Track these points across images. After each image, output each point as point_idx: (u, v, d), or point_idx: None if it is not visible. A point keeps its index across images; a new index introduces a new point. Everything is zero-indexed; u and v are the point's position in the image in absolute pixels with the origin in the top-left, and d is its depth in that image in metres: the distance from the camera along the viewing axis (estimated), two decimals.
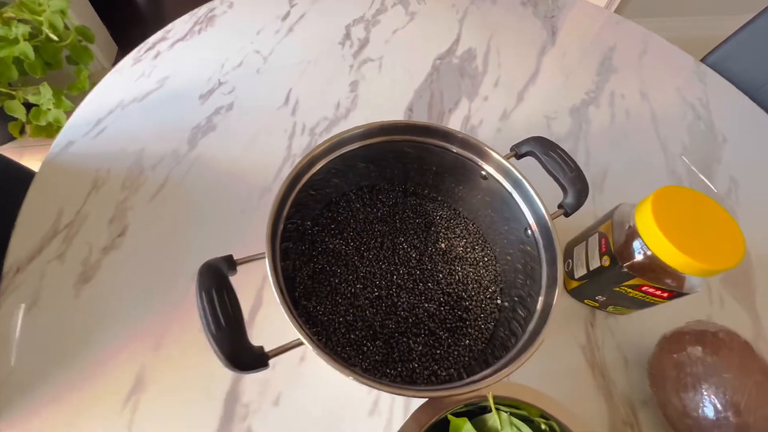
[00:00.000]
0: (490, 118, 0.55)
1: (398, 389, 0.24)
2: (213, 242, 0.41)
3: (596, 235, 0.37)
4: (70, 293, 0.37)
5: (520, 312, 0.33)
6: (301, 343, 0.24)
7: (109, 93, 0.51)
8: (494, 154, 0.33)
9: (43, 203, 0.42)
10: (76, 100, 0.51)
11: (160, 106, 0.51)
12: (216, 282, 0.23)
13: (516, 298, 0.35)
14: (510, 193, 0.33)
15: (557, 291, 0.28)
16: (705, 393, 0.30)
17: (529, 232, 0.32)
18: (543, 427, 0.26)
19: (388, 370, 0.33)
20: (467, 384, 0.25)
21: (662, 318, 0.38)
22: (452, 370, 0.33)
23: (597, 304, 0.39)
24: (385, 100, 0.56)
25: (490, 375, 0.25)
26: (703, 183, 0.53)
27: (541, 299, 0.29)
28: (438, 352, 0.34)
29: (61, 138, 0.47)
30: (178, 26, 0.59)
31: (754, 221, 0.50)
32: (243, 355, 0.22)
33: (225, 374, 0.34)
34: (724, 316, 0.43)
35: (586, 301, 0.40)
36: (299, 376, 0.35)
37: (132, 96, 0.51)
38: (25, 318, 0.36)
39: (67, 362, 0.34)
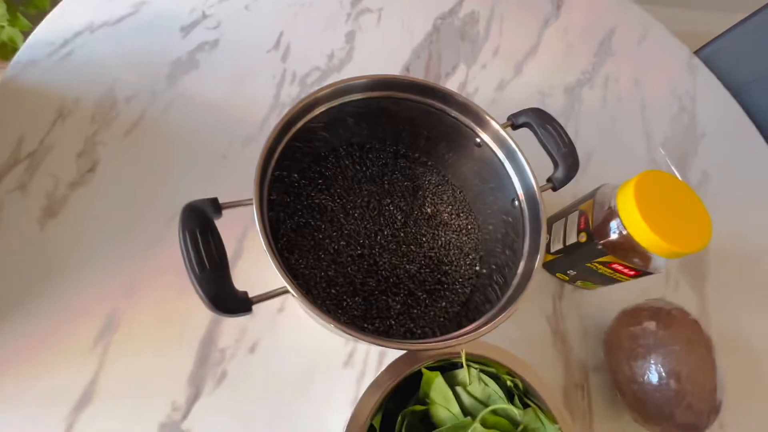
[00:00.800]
0: (486, 88, 0.54)
1: (378, 340, 0.25)
2: (192, 185, 0.39)
3: (576, 212, 0.38)
4: (34, 227, 0.35)
5: (496, 279, 0.34)
6: (285, 291, 0.24)
7: (76, 12, 0.46)
8: (493, 123, 0.33)
9: (1, 127, 0.38)
10: (35, 21, 0.46)
11: (136, 33, 0.46)
12: (200, 223, 0.22)
13: (494, 266, 0.36)
14: (502, 163, 0.33)
15: (538, 259, 0.29)
16: (653, 362, 0.33)
17: (516, 203, 0.33)
18: (508, 383, 0.27)
19: (365, 325, 0.34)
20: (444, 340, 0.26)
21: (623, 295, 0.41)
22: (427, 329, 0.34)
23: (567, 278, 0.41)
24: (382, 56, 0.53)
25: (467, 333, 0.26)
26: (678, 174, 0.55)
27: (521, 267, 0.30)
28: (415, 311, 0.35)
29: (21, 55, 0.42)
30: None
31: (717, 215, 0.53)
32: (226, 299, 0.22)
33: (201, 319, 0.34)
34: (676, 297, 0.46)
35: (557, 274, 0.42)
36: (276, 325, 0.35)
37: (103, 19, 0.46)
38: None
39: (31, 298, 0.33)
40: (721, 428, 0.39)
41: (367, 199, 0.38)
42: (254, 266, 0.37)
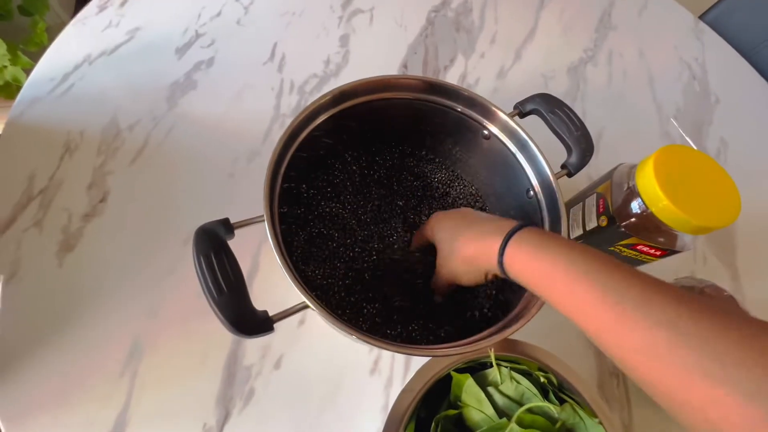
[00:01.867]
0: (486, 77, 0.53)
1: (401, 348, 0.24)
2: (203, 207, 0.39)
3: (594, 195, 0.37)
4: (53, 262, 0.35)
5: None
6: (305, 307, 0.23)
7: (74, 45, 0.47)
8: (500, 114, 0.32)
9: (11, 168, 0.39)
10: (35, 57, 0.46)
11: (133, 60, 0.47)
12: (214, 246, 0.22)
13: None
14: (513, 154, 0.32)
15: (561, 231, 0.28)
16: None
17: (531, 193, 0.32)
18: (542, 379, 0.27)
19: (388, 331, 0.33)
20: (469, 343, 0.25)
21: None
22: (450, 328, 0.34)
23: None
24: (378, 56, 0.52)
25: (494, 334, 0.26)
26: (696, 144, 0.53)
27: None
28: (437, 312, 0.34)
29: (24, 94, 0.42)
30: None
31: (740, 181, 0.51)
32: (247, 320, 0.21)
33: (225, 338, 0.34)
34: (706, 272, 0.45)
35: None
36: (299, 338, 0.35)
37: (100, 49, 0.47)
38: (6, 290, 0.34)
39: (57, 333, 0.33)
40: None
41: (377, 203, 0.37)
42: (271, 281, 0.37)
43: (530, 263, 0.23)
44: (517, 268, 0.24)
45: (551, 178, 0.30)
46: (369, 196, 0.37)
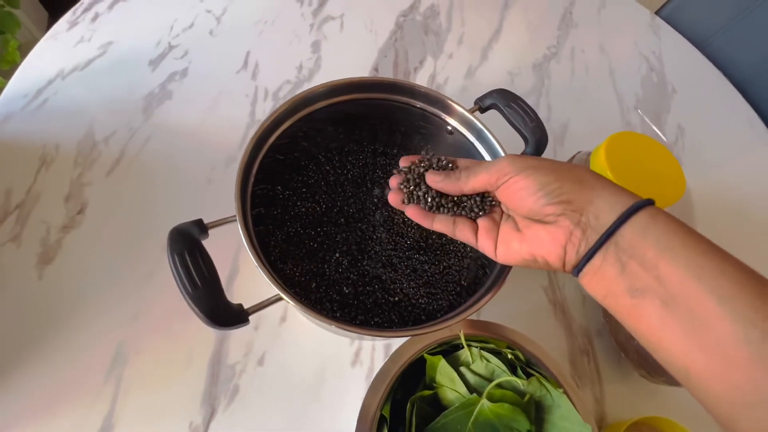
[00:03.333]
0: (455, 76, 0.55)
1: (377, 332, 0.26)
2: (181, 213, 0.39)
3: None
4: (32, 275, 0.36)
5: (487, 261, 0.35)
6: (280, 299, 0.24)
7: (46, 61, 0.47)
8: (457, 107, 0.34)
9: None
10: (7, 75, 0.46)
11: (106, 74, 0.47)
12: (187, 245, 0.23)
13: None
14: (474, 145, 0.34)
15: None
16: None
17: None
18: (509, 356, 0.28)
19: (366, 320, 0.34)
20: (441, 321, 0.27)
21: None
22: (424, 316, 0.35)
23: None
24: (349, 61, 0.54)
25: (461, 313, 0.27)
26: (654, 132, 0.56)
27: None
28: (416, 301, 0.36)
29: None
30: None
31: (697, 164, 0.54)
32: (222, 312, 0.22)
33: (208, 339, 0.35)
34: None
35: None
36: (281, 335, 0.36)
37: (72, 64, 0.47)
38: None
39: (40, 344, 0.33)
40: None
41: (352, 200, 0.39)
42: (251, 282, 0.38)
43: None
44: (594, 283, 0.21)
45: None
46: (344, 194, 0.39)
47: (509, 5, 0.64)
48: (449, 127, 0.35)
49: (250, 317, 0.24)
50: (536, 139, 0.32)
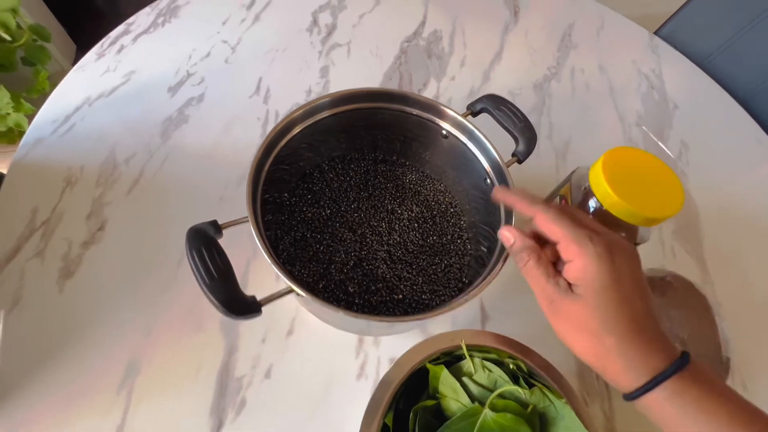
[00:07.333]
0: (458, 97, 0.58)
1: (380, 318, 0.28)
2: None
3: (557, 198, 0.40)
4: (54, 289, 0.37)
5: (486, 254, 0.36)
6: (290, 291, 0.26)
7: (74, 90, 0.51)
8: (450, 111, 0.36)
9: (15, 203, 0.42)
10: (37, 104, 0.50)
11: (129, 100, 0.51)
12: (204, 241, 0.25)
13: (484, 249, 0.38)
14: (468, 147, 0.36)
15: (513, 221, 0.31)
16: None
17: (488, 180, 0.35)
18: (511, 366, 0.28)
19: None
20: (443, 307, 0.28)
21: None
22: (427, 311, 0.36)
23: None
24: (356, 84, 0.56)
25: (461, 297, 0.28)
26: (658, 147, 0.57)
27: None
28: (421, 298, 0.36)
29: (28, 137, 0.46)
30: (141, 18, 0.58)
31: (702, 180, 0.55)
32: (236, 302, 0.24)
33: (216, 352, 0.36)
34: (675, 266, 0.47)
35: None
36: (288, 348, 0.37)
37: (98, 92, 0.51)
38: (9, 318, 0.36)
39: (57, 354, 0.35)
40: (732, 385, 0.39)
41: (355, 205, 0.40)
42: (263, 281, 0.39)
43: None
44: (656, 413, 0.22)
45: (502, 165, 0.34)
46: (347, 200, 0.41)
47: (509, 29, 0.67)
48: (444, 132, 0.37)
49: (263, 309, 0.25)
50: (526, 137, 0.34)
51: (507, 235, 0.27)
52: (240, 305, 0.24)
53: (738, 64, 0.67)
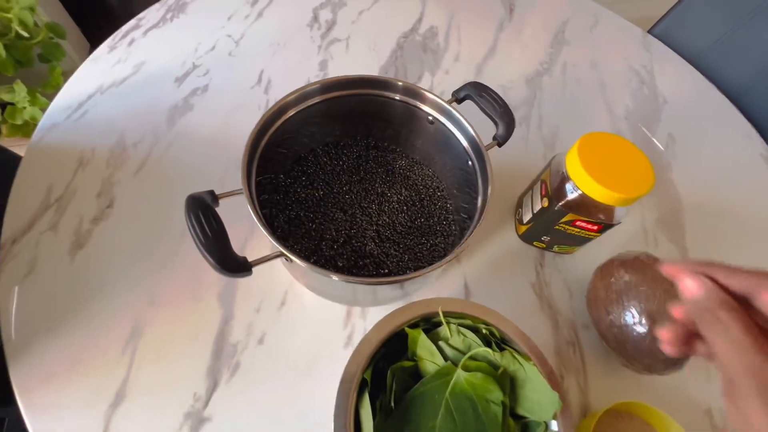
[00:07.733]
0: (451, 89, 0.59)
1: (366, 280, 0.30)
2: None
3: (539, 183, 0.42)
4: (66, 259, 0.40)
5: (466, 225, 0.38)
6: (280, 254, 0.28)
7: (88, 79, 0.54)
8: (433, 96, 0.38)
9: (32, 181, 0.45)
10: (52, 98, 0.53)
11: (138, 89, 0.54)
12: (201, 207, 0.28)
13: (465, 216, 0.40)
14: (451, 131, 0.38)
15: (489, 190, 0.34)
16: (626, 305, 0.35)
17: (470, 162, 0.37)
18: (484, 331, 0.31)
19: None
20: (424, 269, 0.30)
21: (602, 256, 0.43)
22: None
23: (544, 245, 0.44)
24: None
25: (440, 259, 0.30)
26: (647, 139, 0.59)
27: (479, 202, 0.34)
28: (409, 273, 0.39)
29: (44, 122, 0.49)
30: (151, 14, 0.62)
31: (687, 171, 0.56)
32: (229, 261, 0.26)
33: (213, 319, 0.38)
34: (658, 253, 0.48)
35: (534, 243, 0.45)
36: (280, 318, 0.39)
37: (110, 81, 0.54)
38: (24, 282, 0.39)
39: (68, 318, 0.38)
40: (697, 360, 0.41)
41: (347, 187, 0.43)
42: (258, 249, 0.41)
43: None
44: None
45: (482, 148, 0.36)
46: (340, 182, 0.43)
47: (504, 27, 0.69)
48: (430, 117, 0.39)
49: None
50: (505, 122, 0.36)
51: (691, 286, 0.20)
52: (232, 263, 0.26)
53: (730, 62, 0.69)
